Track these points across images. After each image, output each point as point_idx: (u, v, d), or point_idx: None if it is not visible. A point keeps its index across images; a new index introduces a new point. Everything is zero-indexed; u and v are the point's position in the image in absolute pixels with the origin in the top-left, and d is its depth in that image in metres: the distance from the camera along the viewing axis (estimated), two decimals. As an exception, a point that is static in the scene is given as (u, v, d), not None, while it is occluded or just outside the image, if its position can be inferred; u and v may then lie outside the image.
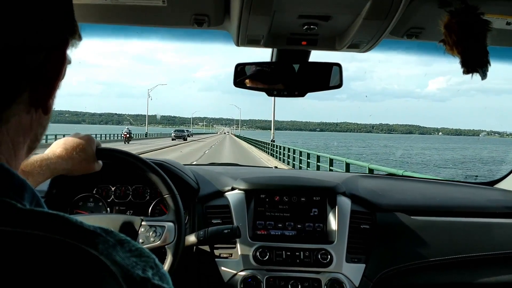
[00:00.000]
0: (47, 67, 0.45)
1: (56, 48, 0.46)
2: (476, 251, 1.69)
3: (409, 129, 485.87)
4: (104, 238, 0.39)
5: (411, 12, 1.07)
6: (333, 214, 1.65)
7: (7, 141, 0.44)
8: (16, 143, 0.46)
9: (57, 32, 0.46)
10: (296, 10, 1.07)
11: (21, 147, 0.47)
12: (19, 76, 0.42)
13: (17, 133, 0.45)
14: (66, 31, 0.47)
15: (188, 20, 1.17)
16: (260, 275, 1.52)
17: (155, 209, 1.66)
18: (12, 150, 0.45)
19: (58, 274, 0.34)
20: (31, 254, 0.35)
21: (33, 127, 0.48)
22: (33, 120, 0.47)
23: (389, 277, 1.62)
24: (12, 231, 0.35)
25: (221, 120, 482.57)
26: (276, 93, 1.44)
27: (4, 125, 0.43)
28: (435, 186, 2.05)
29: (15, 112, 0.44)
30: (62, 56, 0.47)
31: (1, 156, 0.44)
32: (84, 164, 1.22)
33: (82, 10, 1.12)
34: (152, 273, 0.40)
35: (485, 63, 0.98)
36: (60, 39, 0.47)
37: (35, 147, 0.51)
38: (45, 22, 0.44)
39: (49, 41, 0.45)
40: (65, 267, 0.35)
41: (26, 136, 0.47)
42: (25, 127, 0.46)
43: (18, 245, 0.35)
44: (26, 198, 0.42)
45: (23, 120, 0.45)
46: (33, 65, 0.43)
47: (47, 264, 0.34)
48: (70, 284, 0.34)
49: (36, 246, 0.35)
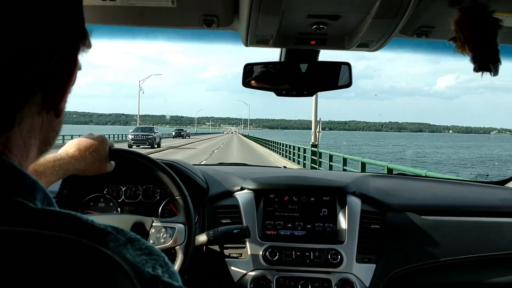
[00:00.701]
0: (59, 70, 0.46)
1: (68, 52, 0.47)
2: (487, 251, 1.68)
3: (419, 127, 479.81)
4: (114, 237, 0.40)
5: (420, 10, 1.06)
6: (343, 214, 1.65)
7: (19, 142, 0.45)
8: (28, 144, 0.46)
9: (69, 36, 0.47)
10: (305, 9, 1.07)
11: (33, 149, 0.48)
12: (32, 78, 0.43)
13: (29, 135, 0.46)
14: (77, 35, 0.48)
15: (197, 21, 1.18)
16: (270, 275, 1.51)
17: (165, 210, 1.67)
18: (24, 151, 0.46)
19: (72, 273, 0.35)
20: (44, 253, 0.35)
21: (44, 129, 0.48)
22: (44, 123, 0.48)
23: (399, 277, 1.61)
24: (24, 231, 0.36)
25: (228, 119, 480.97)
26: (284, 92, 1.44)
27: (17, 126, 0.44)
28: (446, 186, 2.04)
29: (27, 113, 0.44)
30: (73, 60, 0.48)
31: (14, 157, 0.44)
32: (97, 165, 1.23)
33: (91, 11, 1.13)
34: (162, 271, 0.41)
35: (496, 59, 0.97)
36: (72, 44, 0.48)
37: (46, 150, 0.52)
38: (58, 27, 0.45)
39: (62, 45, 0.46)
40: (79, 266, 0.35)
41: (37, 138, 0.48)
42: (37, 129, 0.47)
43: (30, 245, 0.35)
44: (38, 198, 0.42)
45: (35, 122, 0.46)
46: (46, 68, 0.44)
47: (62, 264, 0.35)
48: (85, 284, 0.35)
49: (49, 246, 0.36)
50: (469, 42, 0.96)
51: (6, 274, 0.33)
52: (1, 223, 0.36)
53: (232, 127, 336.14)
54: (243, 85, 1.45)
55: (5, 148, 0.43)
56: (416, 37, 1.24)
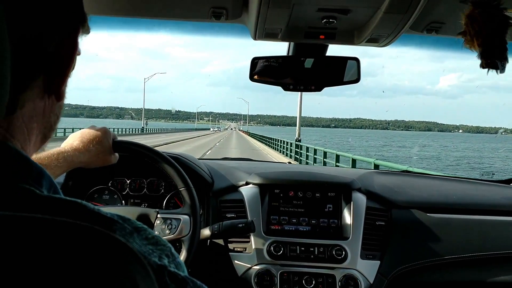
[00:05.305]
0: (60, 53, 0.46)
1: (68, 35, 0.47)
2: (491, 250, 1.67)
3: (427, 126, 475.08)
4: (121, 225, 0.40)
5: (431, 6, 1.05)
6: (348, 210, 1.64)
7: (22, 127, 0.45)
8: (30, 129, 0.46)
9: (68, 19, 0.47)
10: (315, 3, 1.06)
11: (35, 133, 0.48)
12: (34, 61, 0.43)
13: (31, 119, 0.46)
14: (77, 18, 0.49)
15: (206, 13, 1.16)
16: (274, 269, 1.52)
17: (169, 202, 1.67)
18: (26, 136, 0.46)
19: (87, 260, 0.34)
20: (58, 240, 0.34)
21: (46, 113, 0.48)
22: (47, 106, 0.48)
23: (404, 274, 1.60)
24: (31, 216, 0.35)
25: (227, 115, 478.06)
26: (292, 87, 1.43)
27: (19, 110, 0.44)
28: (451, 184, 2.03)
29: (29, 97, 0.44)
30: (73, 43, 0.48)
31: (16, 142, 0.44)
32: (100, 157, 1.24)
33: (99, 2, 1.12)
34: (168, 261, 0.41)
35: (505, 57, 0.96)
36: (71, 27, 0.48)
37: (50, 135, 0.52)
38: (58, 10, 0.45)
39: (62, 28, 0.46)
40: (95, 253, 0.35)
41: (39, 123, 0.48)
42: (39, 113, 0.47)
43: (42, 231, 0.35)
44: (44, 185, 0.42)
45: (37, 106, 0.46)
46: (47, 51, 0.44)
47: (77, 251, 0.34)
48: (98, 269, 0.34)
49: (64, 232, 0.35)
50: (478, 37, 0.95)
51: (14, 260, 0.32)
52: (8, 209, 0.36)
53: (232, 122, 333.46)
54: (250, 79, 1.45)
55: (7, 132, 0.43)
56: (426, 33, 1.22)
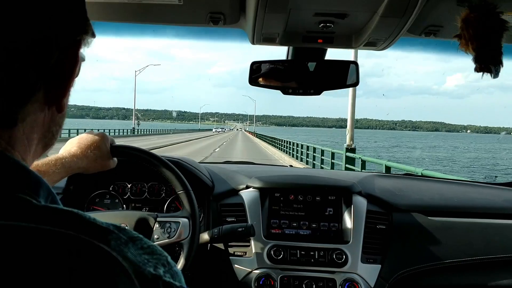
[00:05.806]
0: (60, 67, 0.46)
1: (69, 48, 0.47)
2: (493, 253, 1.66)
3: (434, 126, 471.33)
4: (116, 235, 0.40)
5: (429, 9, 1.05)
6: (348, 213, 1.64)
7: (22, 139, 0.45)
8: (31, 139, 0.47)
9: (69, 32, 0.47)
10: (312, 7, 1.06)
11: (36, 144, 0.48)
12: (34, 76, 0.43)
13: (32, 131, 0.46)
14: (78, 31, 0.48)
15: (203, 18, 1.17)
16: (274, 274, 1.51)
17: (170, 206, 1.67)
18: (27, 147, 0.46)
19: (71, 269, 0.35)
20: (44, 249, 0.35)
21: (46, 124, 0.49)
22: (47, 118, 0.48)
23: (405, 278, 1.59)
24: (24, 226, 0.36)
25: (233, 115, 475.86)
26: (291, 91, 1.43)
27: (20, 123, 0.44)
28: (453, 187, 2.01)
29: (30, 111, 0.45)
30: (75, 56, 0.48)
31: (17, 153, 0.44)
32: (99, 162, 1.24)
33: (99, 8, 1.13)
34: (163, 270, 0.40)
35: (498, 61, 0.96)
36: (72, 39, 0.47)
37: (51, 144, 0.52)
38: (58, 23, 0.45)
39: (62, 41, 0.46)
40: (79, 262, 0.35)
41: (40, 133, 0.48)
42: (40, 124, 0.47)
43: (28, 239, 0.35)
44: (42, 194, 0.42)
45: (38, 118, 0.47)
46: (47, 65, 0.44)
47: (61, 259, 0.35)
48: (84, 280, 0.35)
49: (46, 240, 0.36)
50: (473, 41, 0.95)
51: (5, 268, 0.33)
52: (4, 218, 0.36)
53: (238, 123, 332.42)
54: (249, 83, 1.45)
55: (8, 144, 0.43)
56: (424, 36, 1.22)
